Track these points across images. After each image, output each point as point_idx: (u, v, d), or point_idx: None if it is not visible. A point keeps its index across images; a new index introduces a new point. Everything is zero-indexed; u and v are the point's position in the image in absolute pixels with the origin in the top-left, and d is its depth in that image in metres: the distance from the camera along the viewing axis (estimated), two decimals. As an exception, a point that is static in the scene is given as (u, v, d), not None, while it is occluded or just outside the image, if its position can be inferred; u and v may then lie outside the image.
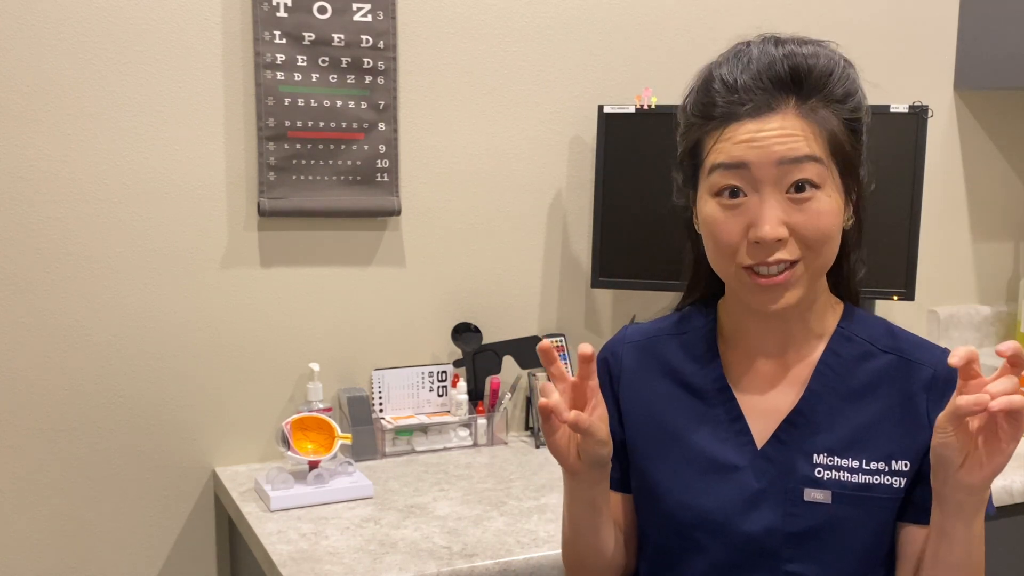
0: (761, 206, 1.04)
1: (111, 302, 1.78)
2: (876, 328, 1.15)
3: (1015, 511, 1.78)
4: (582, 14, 2.08)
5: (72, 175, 1.74)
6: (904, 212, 2.01)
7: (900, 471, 1.09)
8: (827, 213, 1.05)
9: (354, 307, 1.96)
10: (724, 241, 1.06)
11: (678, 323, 1.22)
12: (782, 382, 1.13)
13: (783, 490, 1.09)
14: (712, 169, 1.06)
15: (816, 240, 1.05)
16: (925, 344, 1.14)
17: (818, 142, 1.04)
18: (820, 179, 1.04)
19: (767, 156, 1.03)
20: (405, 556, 1.45)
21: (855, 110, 1.08)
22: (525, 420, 2.12)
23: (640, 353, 1.20)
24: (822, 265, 1.08)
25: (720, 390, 1.15)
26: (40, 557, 1.78)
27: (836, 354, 1.13)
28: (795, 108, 1.04)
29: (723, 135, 1.06)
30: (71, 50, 1.71)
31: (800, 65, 1.05)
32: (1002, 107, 2.57)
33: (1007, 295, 2.68)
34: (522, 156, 2.07)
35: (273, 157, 1.84)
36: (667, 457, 1.15)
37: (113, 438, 1.81)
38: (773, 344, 1.14)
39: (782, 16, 2.22)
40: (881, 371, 1.12)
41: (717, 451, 1.12)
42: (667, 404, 1.17)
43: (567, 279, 2.14)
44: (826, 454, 1.09)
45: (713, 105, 1.07)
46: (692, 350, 1.18)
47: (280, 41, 1.82)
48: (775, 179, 1.03)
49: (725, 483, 1.11)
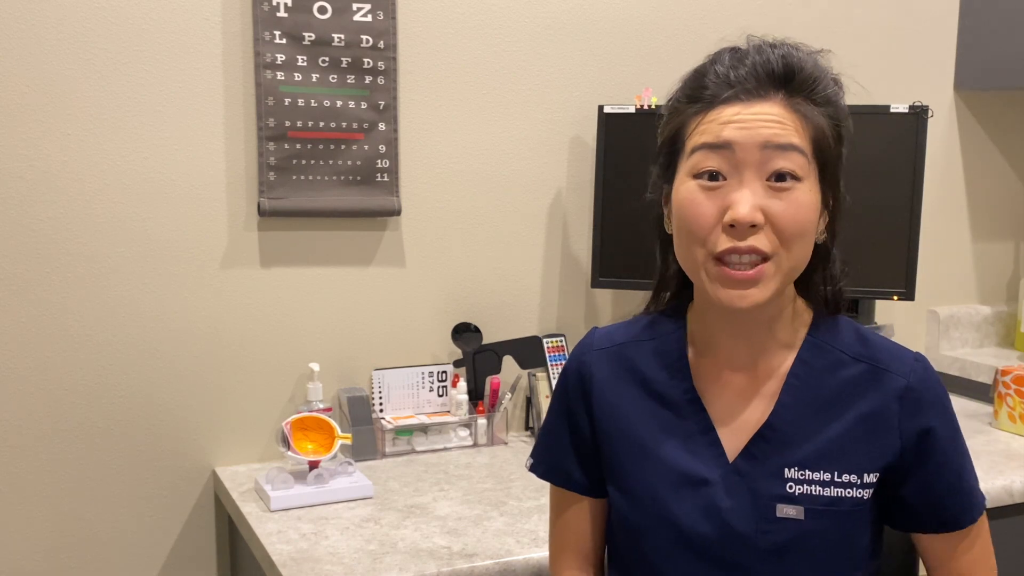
0: (740, 189, 1.01)
1: (111, 302, 1.78)
2: (846, 335, 1.13)
3: (1015, 511, 1.78)
4: (582, 14, 2.08)
5: (72, 175, 1.74)
6: (904, 212, 2.01)
7: (870, 483, 1.08)
8: (806, 206, 1.02)
9: (354, 307, 1.96)
10: (697, 223, 1.03)
11: (647, 328, 1.19)
12: (752, 393, 1.11)
13: (755, 506, 1.08)
14: (694, 150, 1.04)
15: (791, 232, 1.02)
16: (896, 351, 1.12)
17: (803, 136, 1.03)
18: (802, 172, 1.02)
19: (752, 137, 1.01)
20: (405, 556, 1.45)
21: (838, 118, 1.07)
22: (525, 420, 2.12)
23: (610, 360, 1.18)
24: (792, 267, 1.05)
25: (690, 401, 1.13)
26: (40, 557, 1.78)
27: (806, 364, 1.11)
28: (783, 99, 1.03)
29: (708, 116, 1.04)
30: (71, 50, 1.71)
31: (793, 63, 1.04)
32: (1002, 107, 2.57)
33: (1007, 295, 2.68)
34: (522, 156, 2.07)
35: (273, 157, 1.84)
36: (638, 469, 1.13)
37: (113, 438, 1.81)
38: (742, 354, 1.12)
39: (783, 16, 2.22)
40: (852, 380, 1.10)
41: (688, 464, 1.10)
42: (638, 414, 1.14)
43: (567, 279, 2.14)
44: (797, 468, 1.08)
45: (702, 89, 1.05)
46: (662, 358, 1.15)
47: (280, 41, 1.82)
48: (758, 163, 1.01)
49: (696, 497, 1.09)
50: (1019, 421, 2.04)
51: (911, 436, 1.08)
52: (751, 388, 1.12)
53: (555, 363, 2.03)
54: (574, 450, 1.19)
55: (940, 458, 1.10)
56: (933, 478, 1.09)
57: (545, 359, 2.03)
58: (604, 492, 1.18)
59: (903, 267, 2.02)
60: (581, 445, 1.18)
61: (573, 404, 1.19)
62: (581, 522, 1.20)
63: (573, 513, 1.21)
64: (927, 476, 1.09)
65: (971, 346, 2.58)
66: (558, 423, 1.20)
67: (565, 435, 1.19)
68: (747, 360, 1.12)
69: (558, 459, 1.20)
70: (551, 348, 2.04)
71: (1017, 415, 2.04)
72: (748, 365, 1.12)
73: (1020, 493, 1.76)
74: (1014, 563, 1.79)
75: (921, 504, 1.10)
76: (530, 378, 2.06)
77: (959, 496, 1.11)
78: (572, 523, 1.21)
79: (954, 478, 1.11)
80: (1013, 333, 2.62)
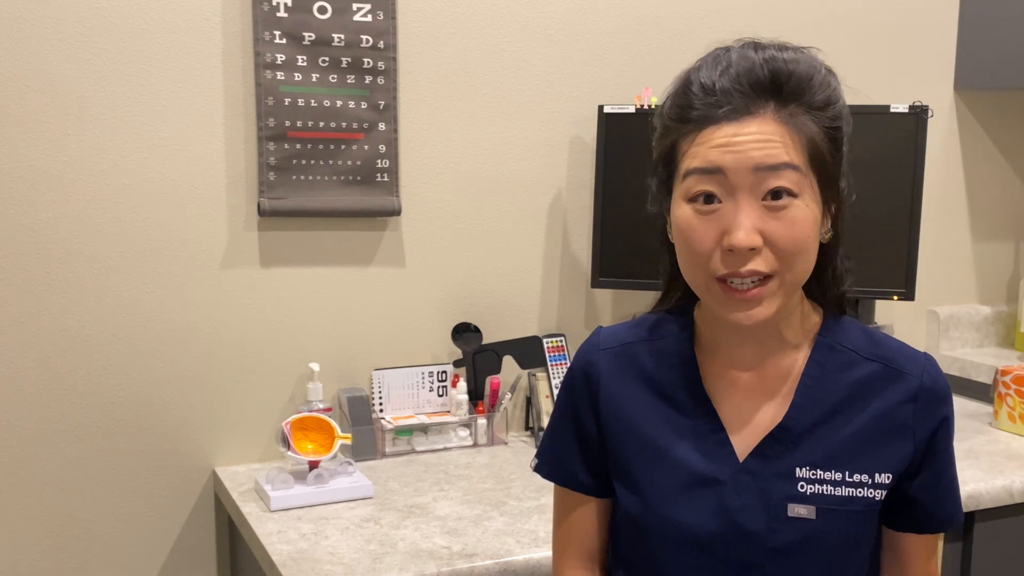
0: (736, 213, 1.00)
1: (111, 302, 1.78)
2: (857, 335, 1.13)
3: (1015, 511, 1.78)
4: (582, 14, 2.08)
5: (72, 175, 1.74)
6: (904, 212, 2.01)
7: (882, 484, 1.08)
8: (803, 222, 1.02)
9: (354, 307, 1.96)
10: (697, 249, 1.03)
11: (653, 328, 1.18)
12: (762, 393, 1.11)
13: (766, 505, 1.08)
14: (687, 174, 1.03)
15: (790, 251, 1.01)
16: (908, 351, 1.12)
17: (796, 149, 1.01)
18: (798, 187, 1.01)
19: (743, 162, 1.00)
20: (405, 556, 1.45)
21: (835, 118, 1.05)
22: (525, 420, 2.12)
23: (617, 360, 1.17)
24: (795, 280, 1.04)
25: (699, 402, 1.12)
26: (40, 557, 1.78)
27: (820, 365, 1.11)
28: (774, 113, 1.01)
29: (699, 139, 1.02)
30: (71, 50, 1.71)
31: (780, 70, 1.02)
32: (1002, 107, 2.57)
33: (1007, 295, 2.68)
34: (522, 156, 2.07)
35: (273, 157, 1.84)
36: (647, 468, 1.13)
37: (113, 438, 1.81)
38: (750, 355, 1.11)
39: (781, 16, 2.22)
40: (865, 380, 1.10)
41: (698, 464, 1.10)
42: (646, 414, 1.14)
43: (567, 279, 2.14)
44: (809, 468, 1.08)
45: (690, 107, 1.04)
46: (669, 358, 1.15)
47: (280, 41, 1.82)
48: (751, 185, 1.00)
49: (707, 497, 1.09)
50: (1019, 421, 2.04)
51: (924, 436, 1.09)
52: (760, 388, 1.12)
53: (555, 363, 2.03)
54: (580, 450, 1.19)
55: (943, 458, 1.11)
56: (937, 477, 1.10)
57: (545, 359, 2.03)
58: (609, 492, 1.18)
59: (903, 267, 2.02)
60: (587, 445, 1.18)
61: (579, 404, 1.18)
62: (586, 522, 1.20)
63: (578, 513, 1.20)
64: (935, 474, 1.10)
65: (971, 346, 2.58)
66: (563, 423, 1.20)
67: (571, 435, 1.19)
68: (755, 360, 1.12)
69: (563, 459, 1.20)
70: (551, 348, 2.04)
71: (1017, 415, 2.04)
72: (756, 365, 1.12)
73: (1020, 493, 1.76)
74: (1014, 563, 1.79)
75: (925, 502, 1.10)
76: (530, 378, 2.06)
77: (953, 497, 1.13)
78: (577, 523, 1.21)
79: (951, 479, 1.12)
80: (1013, 333, 2.62)
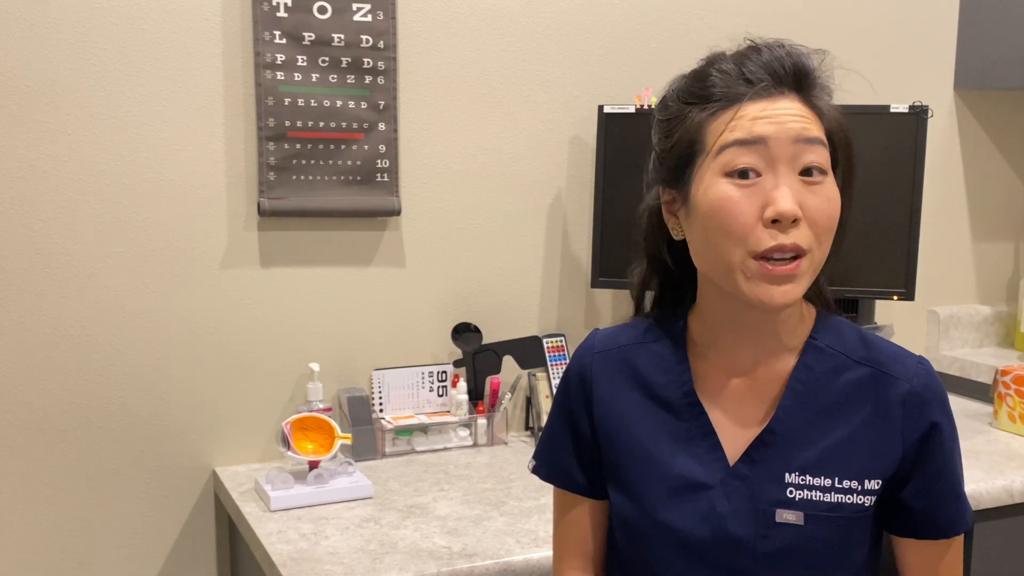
0: (778, 183, 1.00)
1: (111, 302, 1.78)
2: (849, 338, 1.12)
3: (1015, 511, 1.77)
4: (582, 14, 2.08)
5: (72, 175, 1.74)
6: (904, 212, 2.01)
7: (871, 490, 1.07)
8: (834, 200, 1.03)
9: (354, 307, 1.96)
10: (738, 222, 1.01)
11: (648, 331, 1.18)
12: (753, 397, 1.11)
13: (755, 511, 1.07)
14: (724, 148, 1.02)
15: (825, 226, 1.02)
16: (900, 355, 1.11)
17: (822, 130, 1.04)
18: (827, 166, 1.03)
19: (785, 132, 1.01)
20: (405, 556, 1.45)
21: (841, 116, 1.07)
22: (525, 420, 2.12)
23: (611, 363, 1.17)
24: (820, 261, 1.05)
25: (691, 405, 1.12)
26: (40, 557, 1.78)
27: (809, 368, 1.10)
28: (798, 96, 1.03)
29: (737, 113, 1.02)
30: (71, 50, 1.71)
31: (801, 60, 1.04)
32: (1002, 107, 2.57)
33: (1007, 295, 2.68)
34: (522, 156, 2.07)
35: (273, 157, 1.84)
36: (638, 471, 1.13)
37: (113, 438, 1.81)
38: (745, 357, 1.11)
39: (782, 16, 2.22)
40: (855, 384, 1.09)
41: (687, 468, 1.10)
42: (639, 417, 1.14)
43: (567, 279, 2.14)
44: (798, 473, 1.07)
45: (712, 87, 1.04)
46: (663, 361, 1.15)
47: (280, 41, 1.82)
48: (790, 157, 1.01)
49: (695, 501, 1.09)
50: (1019, 421, 2.04)
51: (913, 441, 1.08)
52: (752, 392, 1.11)
53: (555, 363, 2.03)
54: (575, 452, 1.19)
55: (940, 463, 1.09)
56: (932, 482, 1.09)
57: (545, 359, 2.03)
58: (606, 494, 1.18)
59: (903, 267, 2.02)
60: (582, 447, 1.18)
61: (574, 406, 1.18)
62: (583, 523, 1.20)
63: (575, 515, 1.21)
64: (927, 480, 1.09)
65: (971, 346, 2.58)
66: (559, 425, 1.20)
67: (566, 437, 1.19)
68: (749, 363, 1.11)
69: (560, 461, 1.20)
70: (551, 348, 2.04)
71: (1017, 415, 2.04)
72: (749, 368, 1.11)
73: (1020, 493, 1.76)
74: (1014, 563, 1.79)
75: (918, 508, 1.09)
76: (530, 378, 2.06)
77: (954, 503, 1.10)
78: (574, 524, 1.21)
79: (951, 485, 1.10)
80: (1013, 333, 2.62)
